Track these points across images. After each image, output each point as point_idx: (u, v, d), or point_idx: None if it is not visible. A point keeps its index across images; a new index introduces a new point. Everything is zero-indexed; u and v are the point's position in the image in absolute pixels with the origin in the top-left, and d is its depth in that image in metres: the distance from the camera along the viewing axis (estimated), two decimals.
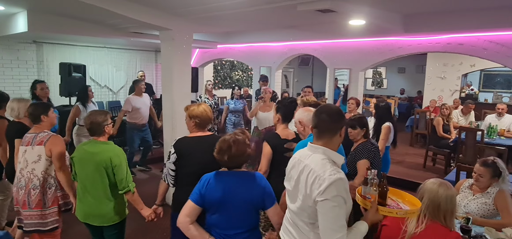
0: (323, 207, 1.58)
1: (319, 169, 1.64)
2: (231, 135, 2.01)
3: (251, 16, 4.68)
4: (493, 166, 2.71)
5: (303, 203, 1.70)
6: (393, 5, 4.37)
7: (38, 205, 2.74)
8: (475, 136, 5.65)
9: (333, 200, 1.56)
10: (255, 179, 2.01)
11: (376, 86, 14.53)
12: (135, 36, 6.45)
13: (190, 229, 1.95)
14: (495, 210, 2.69)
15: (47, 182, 2.78)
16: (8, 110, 3.26)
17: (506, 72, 10.87)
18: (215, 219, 1.98)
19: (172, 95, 4.56)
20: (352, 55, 7.00)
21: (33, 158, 2.75)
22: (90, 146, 2.54)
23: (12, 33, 5.47)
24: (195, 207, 1.97)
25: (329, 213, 1.57)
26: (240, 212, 1.96)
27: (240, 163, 2.02)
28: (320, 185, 1.59)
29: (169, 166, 2.44)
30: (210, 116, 2.53)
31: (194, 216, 1.98)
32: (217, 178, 1.99)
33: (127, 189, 2.50)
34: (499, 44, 5.31)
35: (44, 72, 7.45)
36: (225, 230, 1.97)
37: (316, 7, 3.62)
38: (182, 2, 3.93)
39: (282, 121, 2.79)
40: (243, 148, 1.97)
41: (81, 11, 4.81)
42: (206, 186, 1.97)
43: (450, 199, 1.90)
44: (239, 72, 12.12)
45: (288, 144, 2.58)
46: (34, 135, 2.80)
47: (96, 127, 2.53)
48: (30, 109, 2.89)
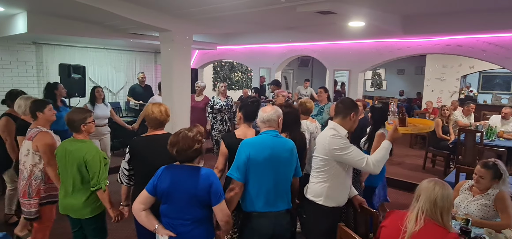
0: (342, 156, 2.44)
1: (327, 130, 2.52)
2: (183, 129, 2.12)
3: (251, 18, 4.69)
4: (494, 167, 2.71)
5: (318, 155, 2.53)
6: (392, 6, 4.38)
7: (24, 195, 2.94)
8: (474, 137, 5.66)
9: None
10: (203, 175, 2.07)
11: (375, 87, 14.55)
12: (134, 38, 6.45)
13: (141, 215, 2.09)
14: (495, 212, 2.69)
15: (34, 174, 2.93)
16: (16, 106, 3.48)
17: (505, 73, 10.89)
18: (164, 209, 2.10)
19: (172, 96, 4.56)
20: (352, 57, 7.01)
21: (24, 152, 2.95)
22: (68, 143, 2.66)
23: (12, 34, 5.47)
24: (148, 196, 2.08)
25: (349, 155, 2.41)
26: (184, 204, 2.04)
27: (189, 157, 2.08)
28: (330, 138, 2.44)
29: (123, 165, 2.53)
30: (159, 117, 2.56)
31: (147, 204, 2.10)
32: (168, 170, 2.10)
33: (98, 186, 2.58)
34: (498, 46, 5.33)
35: (44, 73, 7.45)
36: (172, 220, 2.08)
37: (315, 9, 3.63)
38: (181, 3, 3.93)
39: (243, 120, 2.81)
40: (191, 143, 2.04)
41: (81, 13, 4.81)
42: (158, 177, 2.09)
43: (446, 197, 1.91)
44: (239, 74, 12.13)
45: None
46: (30, 130, 2.97)
47: (71, 123, 2.63)
48: (30, 105, 3.05)
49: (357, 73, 7.00)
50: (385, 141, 2.53)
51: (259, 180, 2.32)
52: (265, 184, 2.32)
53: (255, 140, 2.40)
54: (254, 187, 2.32)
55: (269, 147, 2.34)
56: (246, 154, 2.29)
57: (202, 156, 2.16)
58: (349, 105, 2.52)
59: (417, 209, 1.91)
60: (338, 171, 2.49)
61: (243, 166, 2.28)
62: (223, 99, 6.12)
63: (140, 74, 7.54)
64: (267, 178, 2.32)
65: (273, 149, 2.34)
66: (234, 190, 2.29)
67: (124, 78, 8.97)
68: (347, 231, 2.19)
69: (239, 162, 2.30)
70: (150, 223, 2.08)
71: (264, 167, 2.31)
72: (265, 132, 2.42)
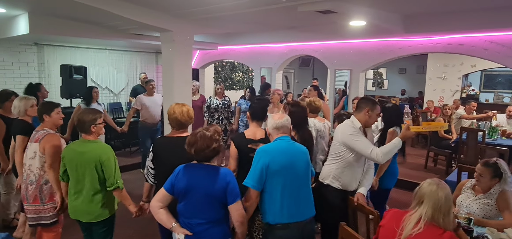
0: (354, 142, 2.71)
1: (344, 123, 2.85)
2: (201, 129, 2.14)
3: (252, 17, 4.69)
4: (493, 166, 2.71)
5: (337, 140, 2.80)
6: (393, 6, 4.37)
7: (35, 200, 2.82)
8: (476, 137, 5.64)
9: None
10: (220, 174, 2.08)
11: (377, 87, 14.52)
12: (135, 38, 6.47)
13: (159, 213, 2.10)
14: (497, 211, 2.68)
15: (43, 179, 2.83)
16: (13, 107, 3.40)
17: (507, 72, 10.85)
18: (181, 208, 2.11)
19: (173, 97, 4.56)
20: (353, 56, 7.00)
21: (30, 155, 2.85)
22: (78, 145, 2.59)
23: (14, 35, 5.48)
24: (166, 194, 2.10)
25: (358, 143, 2.68)
26: (202, 203, 2.05)
27: (206, 156, 2.09)
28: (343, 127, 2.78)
29: (148, 164, 2.59)
30: (180, 118, 2.57)
31: (165, 202, 2.12)
32: (186, 169, 2.12)
33: (115, 185, 2.54)
34: (499, 45, 5.31)
35: (45, 74, 7.47)
36: (188, 219, 2.08)
37: (316, 8, 3.62)
38: (182, 3, 3.93)
39: (251, 118, 2.81)
40: (208, 142, 2.06)
41: (82, 13, 4.82)
42: (176, 176, 2.11)
43: (448, 198, 1.92)
44: (240, 74, 12.12)
45: (253, 144, 2.60)
46: (37, 132, 2.89)
47: (82, 125, 2.57)
48: (38, 108, 3.02)
49: (359, 73, 6.99)
50: (396, 137, 2.73)
51: (280, 188, 2.24)
52: (287, 192, 2.25)
53: (271, 147, 2.34)
54: (276, 196, 2.25)
55: (286, 154, 2.29)
56: (263, 162, 2.23)
57: (219, 155, 2.18)
58: (365, 102, 2.81)
59: (420, 214, 1.89)
60: (347, 156, 2.73)
61: (260, 174, 2.22)
62: (220, 99, 6.15)
63: (142, 75, 7.61)
64: (288, 185, 2.25)
65: (291, 155, 2.31)
66: (251, 199, 2.26)
67: (125, 79, 8.99)
68: (348, 231, 2.19)
69: (256, 170, 2.24)
70: (168, 221, 2.09)
71: (284, 174, 2.25)
72: (280, 138, 2.37)
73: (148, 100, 5.64)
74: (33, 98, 3.46)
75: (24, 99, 3.37)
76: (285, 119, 2.43)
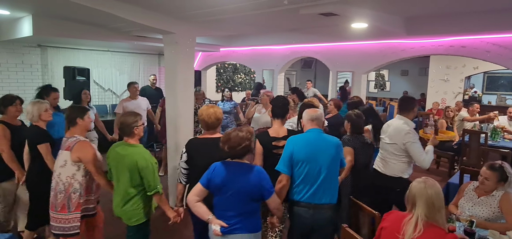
0: (413, 146, 3.13)
1: (403, 125, 3.22)
2: (235, 129, 2.32)
3: (254, 20, 4.70)
4: (500, 170, 2.70)
5: (392, 142, 3.24)
6: (395, 8, 4.37)
7: (63, 209, 2.76)
8: (479, 139, 5.63)
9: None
10: (254, 172, 2.26)
11: (379, 89, 14.51)
12: (138, 40, 6.49)
13: (196, 205, 2.28)
14: (500, 213, 2.67)
15: (72, 187, 2.76)
16: (25, 113, 3.28)
17: (509, 74, 10.82)
18: (216, 201, 2.29)
19: (176, 98, 4.58)
20: (355, 58, 7.00)
21: (60, 163, 2.77)
22: (121, 147, 2.62)
23: (17, 37, 5.52)
24: (202, 189, 2.28)
25: (415, 146, 3.13)
26: (236, 198, 2.22)
27: (238, 154, 2.26)
28: (402, 134, 3.17)
29: (182, 165, 2.69)
30: (207, 120, 2.66)
31: (201, 196, 2.29)
32: (222, 166, 2.28)
33: (155, 190, 2.57)
34: (502, 47, 5.30)
35: (49, 76, 7.51)
36: (223, 211, 2.25)
37: (318, 11, 3.63)
38: (185, 6, 3.95)
39: (272, 116, 3.02)
40: (241, 141, 2.22)
41: (85, 15, 4.85)
42: (212, 172, 2.27)
43: (439, 193, 1.93)
44: (242, 75, 12.14)
45: (276, 142, 2.80)
46: (66, 139, 2.81)
47: (125, 127, 2.60)
48: (67, 112, 2.92)
49: (361, 75, 6.99)
50: (428, 145, 3.27)
51: (303, 173, 2.52)
52: (309, 177, 2.51)
53: (299, 137, 2.62)
54: (298, 179, 2.54)
55: (312, 144, 2.54)
56: (290, 150, 2.54)
57: (250, 153, 2.36)
58: (409, 102, 3.34)
59: (417, 216, 1.90)
60: (408, 155, 3.20)
61: (288, 160, 2.52)
62: (198, 104, 6.10)
63: (152, 77, 7.72)
64: (310, 172, 2.51)
65: (316, 146, 2.54)
66: (282, 182, 2.52)
67: (128, 81, 9.01)
68: (350, 232, 2.20)
69: (285, 157, 2.54)
70: (205, 213, 2.26)
71: (306, 162, 2.51)
72: (310, 130, 2.62)
73: (132, 104, 5.34)
74: (47, 102, 3.35)
75: (37, 103, 3.23)
76: (319, 113, 2.69)
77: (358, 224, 2.80)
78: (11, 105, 3.47)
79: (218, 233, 2.20)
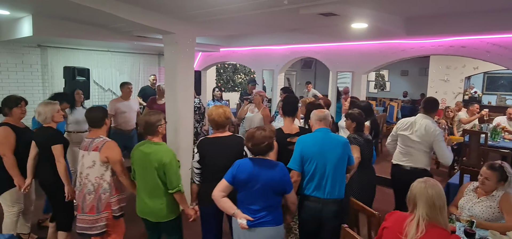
0: (439, 144, 3.43)
1: (432, 124, 3.50)
2: (258, 127, 2.48)
3: (254, 20, 4.70)
4: (500, 170, 2.70)
5: (422, 140, 3.49)
6: (395, 8, 4.37)
7: (92, 210, 2.75)
8: (479, 139, 5.63)
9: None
10: (277, 168, 2.41)
11: (379, 89, 14.51)
12: (138, 40, 6.49)
13: (222, 200, 2.41)
14: (500, 213, 2.67)
15: (102, 188, 2.77)
16: (36, 115, 3.19)
17: (509, 74, 10.82)
18: (242, 196, 2.42)
19: (176, 99, 4.58)
20: (355, 58, 7.00)
21: (88, 163, 2.77)
22: (145, 146, 2.66)
23: (17, 37, 5.52)
24: (227, 184, 2.41)
25: (442, 144, 3.45)
26: (261, 192, 2.35)
27: (261, 150, 2.40)
28: (431, 134, 3.44)
29: (194, 165, 2.76)
30: (217, 119, 2.73)
31: (226, 192, 2.42)
32: (247, 162, 2.42)
33: (177, 189, 2.60)
34: (502, 47, 5.30)
35: (49, 76, 7.51)
36: (248, 206, 2.38)
37: (318, 11, 3.63)
38: (185, 6, 3.95)
39: (283, 115, 3.18)
40: (264, 139, 2.38)
41: (86, 16, 4.85)
42: (237, 168, 2.41)
43: (440, 194, 1.93)
44: (242, 76, 12.14)
45: (291, 138, 3.00)
46: (91, 140, 2.82)
47: (150, 126, 2.63)
48: (91, 114, 2.89)
49: (360, 75, 6.99)
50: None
51: (311, 169, 2.72)
52: (317, 174, 2.71)
53: (307, 137, 2.83)
54: (308, 175, 2.74)
55: (319, 143, 2.74)
56: (299, 148, 2.76)
57: (272, 150, 2.51)
58: (433, 104, 3.65)
59: (418, 216, 1.89)
60: (432, 151, 3.52)
61: (298, 158, 2.74)
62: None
63: (152, 77, 7.76)
64: (318, 168, 2.71)
65: (323, 145, 2.74)
66: (293, 178, 2.68)
67: (128, 81, 9.02)
68: (350, 233, 2.20)
69: (296, 155, 2.76)
70: (230, 208, 2.40)
71: (315, 159, 2.71)
72: (318, 130, 2.84)
73: (123, 105, 5.22)
74: (57, 102, 3.30)
75: (50, 104, 3.18)
76: (326, 113, 2.91)
77: (358, 224, 2.80)
78: (16, 106, 3.35)
79: (245, 226, 2.31)
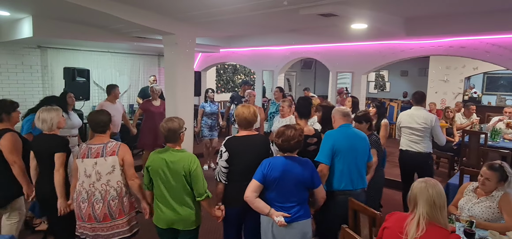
0: (437, 129, 4.08)
1: (429, 114, 4.13)
2: (288, 126, 2.53)
3: (254, 20, 4.70)
4: (500, 170, 2.70)
5: (425, 128, 4.07)
6: (395, 9, 4.38)
7: (120, 214, 2.69)
8: (478, 139, 5.63)
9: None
10: (306, 163, 2.49)
11: (378, 89, 14.51)
12: (138, 41, 6.50)
13: (256, 201, 2.44)
14: (500, 214, 2.67)
15: (123, 190, 2.72)
16: (39, 122, 2.91)
17: (509, 75, 10.81)
18: (274, 195, 2.44)
19: (176, 99, 4.58)
20: (355, 59, 7.01)
21: (107, 169, 2.64)
22: (168, 154, 2.53)
23: (17, 38, 5.53)
24: (259, 184, 2.44)
25: (438, 128, 4.08)
26: (294, 188, 2.42)
27: (291, 147, 2.47)
28: (429, 120, 4.05)
29: (222, 164, 2.71)
30: (249, 118, 2.77)
31: (258, 192, 2.45)
32: (276, 161, 2.47)
33: (205, 195, 2.54)
34: (501, 47, 5.31)
35: (48, 77, 7.51)
36: (282, 203, 2.42)
37: (318, 12, 3.64)
38: (185, 7, 3.96)
39: (299, 117, 3.29)
40: (293, 135, 2.45)
41: (85, 17, 4.86)
42: (267, 167, 2.44)
43: (441, 193, 1.93)
44: (242, 76, 12.15)
45: (310, 139, 3.12)
46: (103, 145, 2.67)
47: (172, 134, 2.55)
48: (96, 119, 2.72)
49: (360, 75, 7.00)
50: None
51: (343, 164, 2.83)
52: (348, 168, 2.84)
53: (337, 131, 2.96)
54: (339, 170, 2.84)
55: (349, 137, 2.89)
56: (331, 142, 2.84)
57: (301, 148, 2.55)
58: (422, 96, 4.28)
59: (418, 215, 1.90)
60: (431, 136, 4.12)
61: (329, 152, 2.82)
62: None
63: (152, 77, 7.76)
64: (349, 162, 2.83)
65: (352, 139, 2.90)
66: (322, 171, 2.79)
67: (127, 82, 9.03)
68: (350, 233, 2.20)
69: (326, 149, 2.84)
70: (265, 207, 2.43)
71: (346, 153, 2.83)
72: (344, 125, 2.97)
73: (112, 108, 5.09)
74: (59, 108, 3.11)
75: (54, 110, 2.97)
76: (348, 110, 3.05)
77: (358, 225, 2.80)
78: (14, 111, 3.21)
79: (284, 223, 2.36)
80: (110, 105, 5.17)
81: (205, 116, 6.10)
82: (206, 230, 3.98)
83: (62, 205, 2.83)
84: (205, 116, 6.10)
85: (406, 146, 4.24)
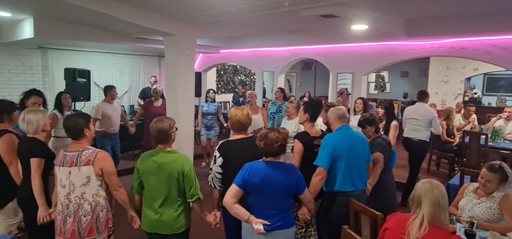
0: (435, 120, 5.02)
1: (430, 108, 5.15)
2: (271, 129, 2.43)
3: (254, 21, 4.71)
4: (500, 170, 2.70)
5: (426, 119, 4.97)
6: (395, 10, 4.39)
7: (91, 232, 2.41)
8: (479, 140, 5.63)
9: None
10: (290, 169, 2.38)
11: (379, 90, 14.51)
12: (139, 42, 6.51)
13: (234, 207, 2.30)
14: (500, 214, 2.67)
15: (99, 204, 2.45)
16: (24, 124, 2.72)
17: (509, 75, 10.81)
18: (255, 201, 2.32)
19: (176, 100, 4.59)
20: (355, 60, 7.01)
21: (81, 181, 2.39)
22: (159, 156, 2.45)
23: (18, 39, 5.53)
24: (238, 190, 2.30)
25: (437, 120, 5.05)
26: (277, 195, 2.30)
27: (274, 151, 2.33)
28: (430, 113, 5.01)
29: (216, 169, 2.62)
30: (242, 120, 2.69)
31: (237, 198, 2.31)
32: (258, 166, 2.32)
33: (197, 196, 2.46)
34: (502, 48, 5.31)
35: (49, 78, 7.52)
36: (263, 210, 2.30)
37: (318, 13, 3.65)
38: (186, 8, 3.97)
39: (309, 120, 3.19)
40: (276, 138, 2.31)
41: (86, 18, 4.87)
42: (248, 173, 2.29)
43: (444, 194, 1.95)
44: (242, 77, 12.16)
45: (317, 141, 3.02)
46: (77, 153, 2.41)
47: (163, 135, 2.46)
48: (69, 123, 2.46)
49: (361, 76, 7.00)
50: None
51: (342, 166, 2.78)
52: (349, 169, 2.80)
53: (336, 134, 2.89)
54: (340, 171, 2.79)
55: (349, 139, 2.85)
56: (331, 146, 2.77)
57: (284, 153, 2.45)
58: (424, 93, 5.20)
59: (422, 214, 1.91)
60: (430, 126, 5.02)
61: (329, 155, 2.75)
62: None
63: (153, 78, 7.78)
64: (350, 164, 2.80)
65: (353, 140, 2.86)
66: (321, 175, 2.74)
67: (128, 82, 9.04)
68: (351, 234, 2.20)
69: (325, 153, 2.76)
70: (244, 214, 2.29)
71: (347, 155, 2.78)
72: (343, 127, 2.90)
73: (110, 108, 5.14)
74: (46, 110, 3.03)
75: (40, 112, 2.80)
76: (344, 111, 2.98)
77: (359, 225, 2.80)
78: (14, 110, 3.13)
79: (262, 231, 2.23)
80: (108, 106, 5.17)
81: (203, 117, 6.20)
82: (208, 231, 3.98)
83: (41, 213, 2.61)
84: (202, 116, 6.20)
85: (409, 134, 5.12)
